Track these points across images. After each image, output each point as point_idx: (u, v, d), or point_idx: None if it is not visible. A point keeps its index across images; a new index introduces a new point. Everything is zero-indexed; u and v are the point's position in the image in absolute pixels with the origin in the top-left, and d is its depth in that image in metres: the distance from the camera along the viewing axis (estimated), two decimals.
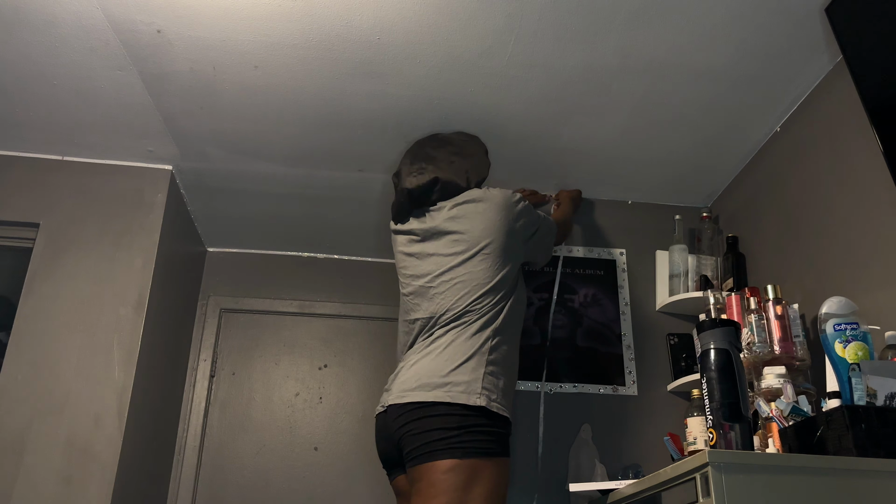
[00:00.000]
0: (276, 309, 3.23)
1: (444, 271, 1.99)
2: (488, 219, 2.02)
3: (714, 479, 1.31)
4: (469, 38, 2.07)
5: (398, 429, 1.85)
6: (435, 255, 2.04)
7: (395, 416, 1.86)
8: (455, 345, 1.89)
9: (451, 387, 1.81)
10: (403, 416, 1.83)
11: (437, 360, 1.87)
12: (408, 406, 1.83)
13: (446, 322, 1.93)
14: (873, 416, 1.45)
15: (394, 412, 1.87)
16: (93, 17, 2.02)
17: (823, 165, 2.16)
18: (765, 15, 1.97)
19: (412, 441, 1.80)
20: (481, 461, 1.75)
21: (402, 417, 1.84)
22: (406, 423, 1.83)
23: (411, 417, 1.82)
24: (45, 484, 2.23)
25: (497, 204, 2.05)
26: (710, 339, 1.57)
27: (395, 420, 1.86)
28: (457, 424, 1.77)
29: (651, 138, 2.50)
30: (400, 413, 1.85)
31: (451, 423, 1.77)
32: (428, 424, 1.79)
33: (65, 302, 2.45)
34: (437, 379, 1.83)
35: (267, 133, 2.49)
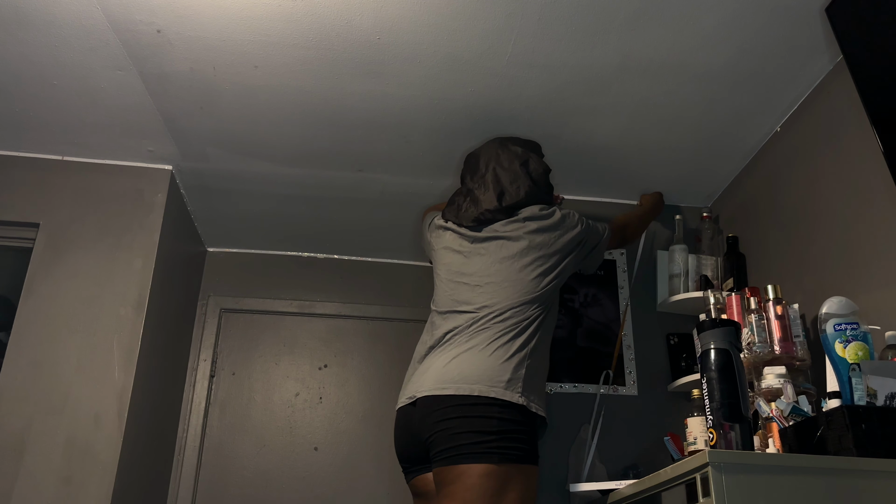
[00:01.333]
0: (276, 309, 3.23)
1: (495, 272, 2.01)
2: (550, 236, 2.07)
3: (714, 479, 1.31)
4: (469, 38, 2.07)
5: (433, 423, 1.82)
6: (487, 256, 2.06)
7: (429, 409, 1.83)
8: (498, 343, 1.89)
9: (493, 382, 1.80)
10: (440, 412, 1.81)
11: (480, 356, 1.87)
12: (447, 400, 1.81)
13: (490, 319, 1.93)
14: (873, 416, 1.45)
15: (428, 404, 1.84)
16: (93, 17, 2.02)
17: (823, 165, 2.16)
18: (765, 15, 1.97)
19: (447, 440, 1.77)
20: (515, 467, 1.74)
21: (438, 413, 1.81)
22: (443, 419, 1.80)
23: (449, 414, 1.79)
24: (45, 484, 2.23)
25: (562, 226, 2.10)
26: (711, 339, 1.57)
27: (428, 413, 1.83)
28: (496, 428, 1.76)
29: (651, 138, 2.50)
30: (436, 407, 1.82)
31: (490, 427, 1.76)
32: (467, 425, 1.77)
33: (65, 302, 2.45)
34: (480, 373, 1.83)
35: (267, 133, 2.49)
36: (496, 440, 1.74)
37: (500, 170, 2.18)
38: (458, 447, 1.75)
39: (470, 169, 2.27)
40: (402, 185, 2.79)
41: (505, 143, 2.25)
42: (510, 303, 1.94)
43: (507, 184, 2.15)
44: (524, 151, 2.23)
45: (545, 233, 2.07)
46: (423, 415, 1.85)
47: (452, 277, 2.08)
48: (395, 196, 2.86)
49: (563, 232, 2.09)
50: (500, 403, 1.78)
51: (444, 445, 1.77)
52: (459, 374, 1.84)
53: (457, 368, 1.86)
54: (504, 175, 2.17)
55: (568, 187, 2.77)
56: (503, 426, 1.76)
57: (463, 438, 1.75)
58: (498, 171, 2.18)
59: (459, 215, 2.16)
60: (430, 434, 1.82)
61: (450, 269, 2.11)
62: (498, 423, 1.77)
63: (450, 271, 2.11)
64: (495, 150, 2.24)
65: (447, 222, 2.20)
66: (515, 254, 2.03)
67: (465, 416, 1.78)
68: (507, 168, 2.18)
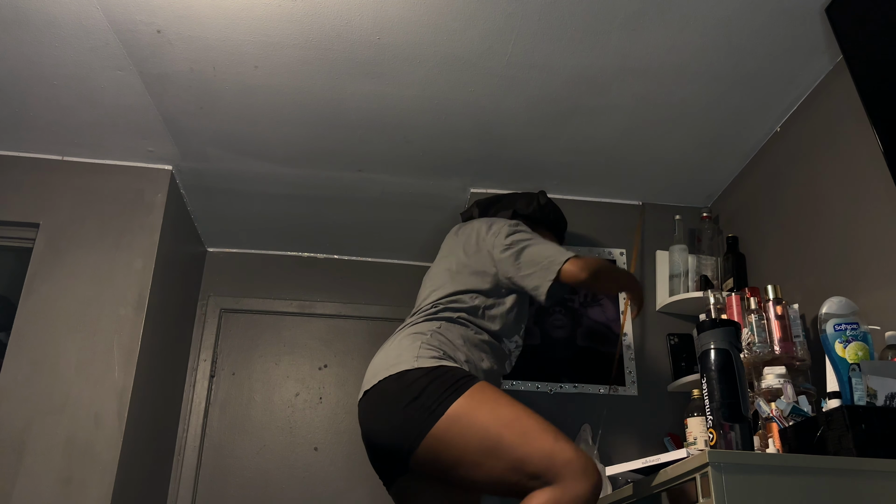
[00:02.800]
0: (276, 309, 3.23)
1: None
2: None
3: (714, 479, 1.31)
4: (469, 39, 2.07)
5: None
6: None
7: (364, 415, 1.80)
8: (404, 333, 1.88)
9: (389, 367, 1.74)
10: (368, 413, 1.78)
11: (387, 350, 1.86)
12: (364, 399, 1.79)
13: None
14: (873, 416, 1.45)
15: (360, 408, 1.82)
16: (93, 17, 2.02)
17: (823, 165, 2.16)
18: (765, 15, 1.97)
19: (383, 436, 1.71)
20: (459, 405, 1.60)
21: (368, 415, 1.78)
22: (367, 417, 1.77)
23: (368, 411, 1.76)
24: (45, 484, 2.23)
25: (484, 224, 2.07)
26: (711, 339, 1.57)
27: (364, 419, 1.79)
28: (409, 397, 1.65)
29: (651, 138, 2.50)
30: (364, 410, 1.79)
31: (402, 399, 1.66)
32: (384, 410, 1.70)
33: (65, 302, 2.45)
34: (383, 365, 1.79)
35: (267, 133, 2.49)
36: (417, 404, 1.63)
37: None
38: (396, 435, 1.67)
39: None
40: (402, 185, 2.79)
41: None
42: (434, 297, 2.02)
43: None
44: (536, 193, 2.33)
45: (476, 235, 2.09)
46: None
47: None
48: (395, 196, 2.86)
49: (486, 237, 2.07)
50: (392, 377, 1.71)
51: (387, 441, 1.71)
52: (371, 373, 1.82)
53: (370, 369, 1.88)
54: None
55: (568, 187, 2.77)
56: (413, 389, 1.66)
57: (393, 423, 1.68)
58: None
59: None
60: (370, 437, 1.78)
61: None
62: (405, 389, 1.67)
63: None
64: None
65: None
66: (450, 253, 2.14)
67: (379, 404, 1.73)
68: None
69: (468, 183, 2.77)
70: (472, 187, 2.80)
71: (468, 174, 2.72)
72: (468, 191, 2.81)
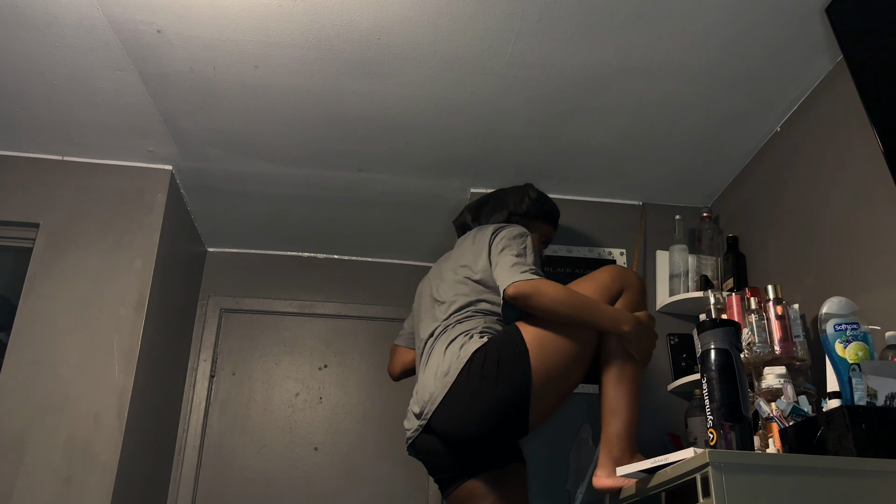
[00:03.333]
0: (276, 309, 3.23)
1: None
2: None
3: (714, 479, 1.31)
4: (469, 38, 2.07)
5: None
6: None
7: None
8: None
9: (451, 371, 1.82)
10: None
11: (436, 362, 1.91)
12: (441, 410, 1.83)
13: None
14: (873, 416, 1.45)
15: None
16: (93, 17, 2.02)
17: (823, 165, 2.16)
18: (765, 15, 1.97)
19: (492, 414, 1.77)
20: (528, 333, 1.79)
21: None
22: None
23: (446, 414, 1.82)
24: (45, 484, 2.23)
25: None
26: (711, 339, 1.57)
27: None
28: (491, 369, 1.76)
29: (651, 138, 2.50)
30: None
31: (487, 375, 1.76)
32: (478, 396, 1.77)
33: (65, 302, 2.45)
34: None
35: (267, 133, 2.49)
36: (504, 369, 1.75)
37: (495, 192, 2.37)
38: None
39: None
40: (402, 185, 2.79)
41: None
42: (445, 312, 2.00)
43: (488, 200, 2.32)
44: (525, 185, 2.35)
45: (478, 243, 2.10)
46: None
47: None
48: (395, 196, 2.86)
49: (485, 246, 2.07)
50: (461, 375, 1.80)
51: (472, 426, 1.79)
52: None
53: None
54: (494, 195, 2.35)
55: (568, 187, 2.77)
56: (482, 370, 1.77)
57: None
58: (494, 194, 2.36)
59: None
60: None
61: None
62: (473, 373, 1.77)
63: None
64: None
65: None
66: (456, 264, 2.10)
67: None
68: (501, 191, 2.36)
69: (468, 183, 2.77)
70: (472, 187, 2.80)
71: (468, 174, 2.72)
72: (468, 191, 2.81)
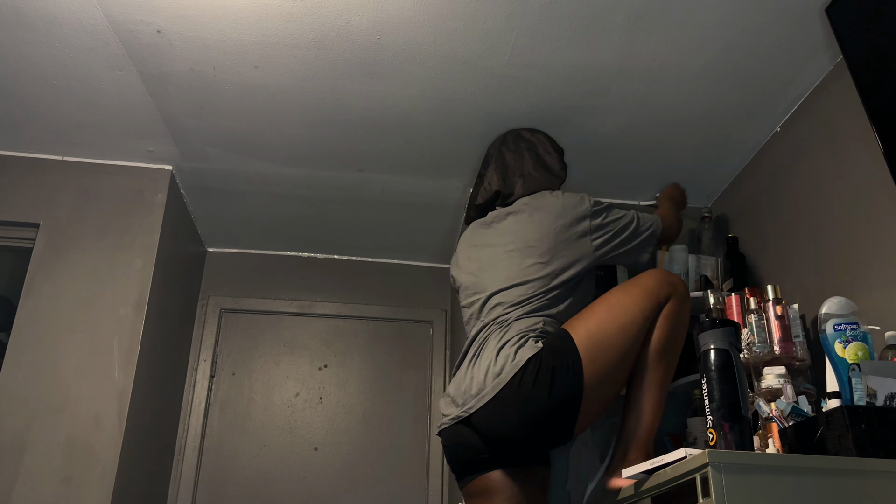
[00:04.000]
0: (276, 309, 3.23)
1: (500, 260, 2.04)
2: (554, 219, 2.06)
3: (714, 480, 1.31)
4: (469, 38, 2.07)
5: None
6: (494, 245, 2.08)
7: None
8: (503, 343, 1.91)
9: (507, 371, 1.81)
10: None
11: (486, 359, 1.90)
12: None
13: (498, 314, 1.96)
14: (873, 416, 1.45)
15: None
16: (93, 17, 2.02)
17: (823, 165, 2.16)
18: (765, 15, 1.97)
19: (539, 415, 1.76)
20: (578, 338, 1.78)
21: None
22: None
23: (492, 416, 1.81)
24: (45, 484, 2.23)
25: (568, 209, 2.08)
26: (710, 339, 1.57)
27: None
28: (546, 374, 1.74)
29: (651, 138, 2.50)
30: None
31: (540, 379, 1.75)
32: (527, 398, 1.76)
33: (65, 302, 2.45)
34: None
35: (267, 133, 2.49)
36: (558, 376, 1.74)
37: (506, 152, 2.24)
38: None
39: (482, 165, 2.32)
40: (402, 185, 2.79)
41: (511, 133, 2.32)
42: (510, 297, 1.93)
43: (514, 169, 2.19)
44: (532, 134, 2.29)
45: (538, 214, 2.04)
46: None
47: (469, 270, 2.08)
48: (395, 196, 2.86)
49: (567, 214, 2.04)
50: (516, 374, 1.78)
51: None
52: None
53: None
54: (510, 156, 2.22)
55: (568, 187, 2.77)
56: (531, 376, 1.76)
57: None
58: (506, 157, 2.23)
59: (470, 206, 2.20)
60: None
61: (469, 263, 2.10)
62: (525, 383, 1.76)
63: (469, 265, 2.10)
64: (501, 139, 2.31)
65: (466, 223, 2.22)
66: (520, 240, 2.00)
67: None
68: (512, 150, 2.24)
69: (468, 183, 2.77)
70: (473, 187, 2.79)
71: (468, 174, 2.71)
72: (468, 191, 2.81)
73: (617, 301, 1.86)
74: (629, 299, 1.86)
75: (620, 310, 1.83)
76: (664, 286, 1.88)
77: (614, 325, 1.80)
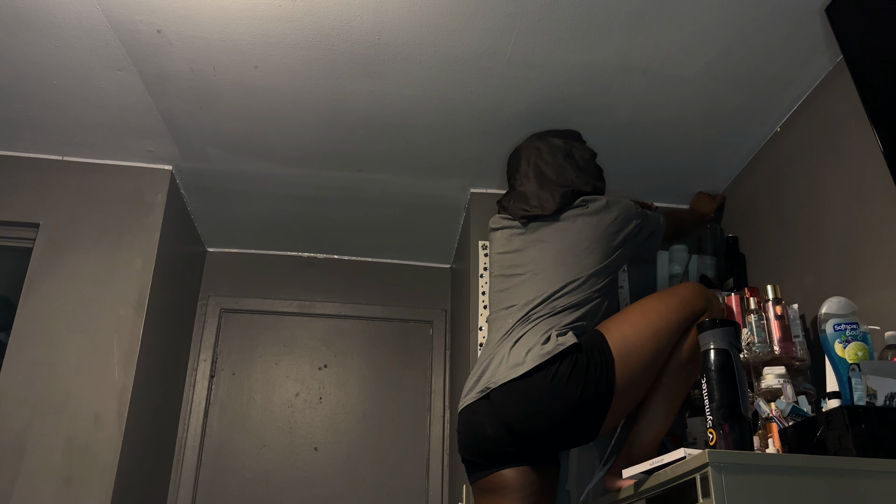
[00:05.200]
0: (276, 309, 3.23)
1: (543, 264, 2.03)
2: (597, 222, 2.08)
3: (714, 480, 1.31)
4: (469, 38, 2.07)
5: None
6: (534, 249, 2.06)
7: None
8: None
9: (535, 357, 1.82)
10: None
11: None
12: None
13: (539, 312, 1.95)
14: (873, 416, 1.45)
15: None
16: (93, 17, 2.02)
17: (823, 165, 2.16)
18: (765, 15, 1.97)
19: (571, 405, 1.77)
20: (611, 338, 1.81)
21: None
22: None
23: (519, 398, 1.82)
24: (45, 484, 2.23)
25: (608, 212, 2.11)
26: (710, 339, 1.57)
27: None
28: (582, 367, 1.76)
29: (651, 139, 2.50)
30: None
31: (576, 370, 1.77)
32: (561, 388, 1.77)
33: (65, 302, 2.45)
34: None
35: (267, 133, 2.49)
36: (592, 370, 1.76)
37: (543, 165, 2.19)
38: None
39: (512, 169, 2.28)
40: (402, 185, 2.79)
41: (544, 137, 2.26)
42: (555, 289, 1.93)
43: (554, 178, 2.15)
44: (565, 143, 2.24)
45: (592, 218, 2.05)
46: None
47: (504, 272, 2.07)
48: (395, 196, 2.86)
49: (610, 217, 2.06)
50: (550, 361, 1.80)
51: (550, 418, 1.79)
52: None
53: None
54: (548, 169, 2.17)
55: None
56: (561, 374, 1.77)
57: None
58: (542, 167, 2.18)
59: (509, 211, 2.15)
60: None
61: (502, 267, 2.09)
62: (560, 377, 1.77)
63: (502, 270, 2.09)
64: (535, 146, 2.25)
65: (497, 225, 2.20)
66: (565, 243, 2.01)
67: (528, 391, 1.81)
68: (550, 163, 2.19)
69: (468, 183, 2.77)
70: (472, 187, 2.80)
71: (468, 174, 2.72)
72: (468, 191, 2.81)
73: (652, 307, 1.88)
74: (665, 307, 1.88)
75: (656, 315, 1.85)
76: (701, 298, 1.91)
77: (648, 331, 1.82)
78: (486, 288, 2.60)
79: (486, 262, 2.65)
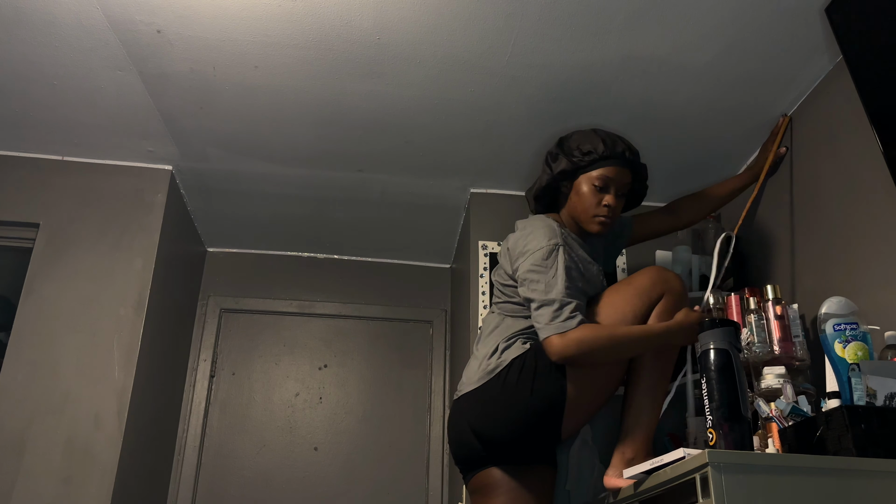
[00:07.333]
0: (276, 309, 3.23)
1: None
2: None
3: (714, 480, 1.31)
4: (469, 38, 2.07)
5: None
6: None
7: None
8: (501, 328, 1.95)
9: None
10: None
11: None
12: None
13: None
14: (873, 416, 1.45)
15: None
16: (93, 17, 2.02)
17: (823, 165, 2.16)
18: (765, 15, 1.97)
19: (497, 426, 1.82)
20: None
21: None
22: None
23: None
24: (45, 484, 2.23)
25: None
26: (710, 339, 1.57)
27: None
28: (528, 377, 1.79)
29: (650, 138, 2.50)
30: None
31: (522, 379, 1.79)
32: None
33: (65, 302, 2.45)
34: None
35: (267, 133, 2.49)
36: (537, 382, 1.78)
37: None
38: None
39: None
40: (402, 186, 2.79)
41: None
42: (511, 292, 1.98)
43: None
44: (554, 146, 2.18)
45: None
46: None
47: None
48: (395, 196, 2.86)
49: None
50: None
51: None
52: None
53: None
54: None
55: None
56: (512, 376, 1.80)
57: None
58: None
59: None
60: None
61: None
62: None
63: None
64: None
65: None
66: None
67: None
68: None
69: (468, 183, 2.77)
70: (472, 187, 2.80)
71: (468, 174, 2.72)
72: (468, 191, 2.81)
73: (608, 301, 1.87)
74: (619, 298, 1.86)
75: (611, 309, 1.84)
76: (656, 284, 1.86)
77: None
78: (486, 288, 2.61)
79: (486, 262, 2.65)
